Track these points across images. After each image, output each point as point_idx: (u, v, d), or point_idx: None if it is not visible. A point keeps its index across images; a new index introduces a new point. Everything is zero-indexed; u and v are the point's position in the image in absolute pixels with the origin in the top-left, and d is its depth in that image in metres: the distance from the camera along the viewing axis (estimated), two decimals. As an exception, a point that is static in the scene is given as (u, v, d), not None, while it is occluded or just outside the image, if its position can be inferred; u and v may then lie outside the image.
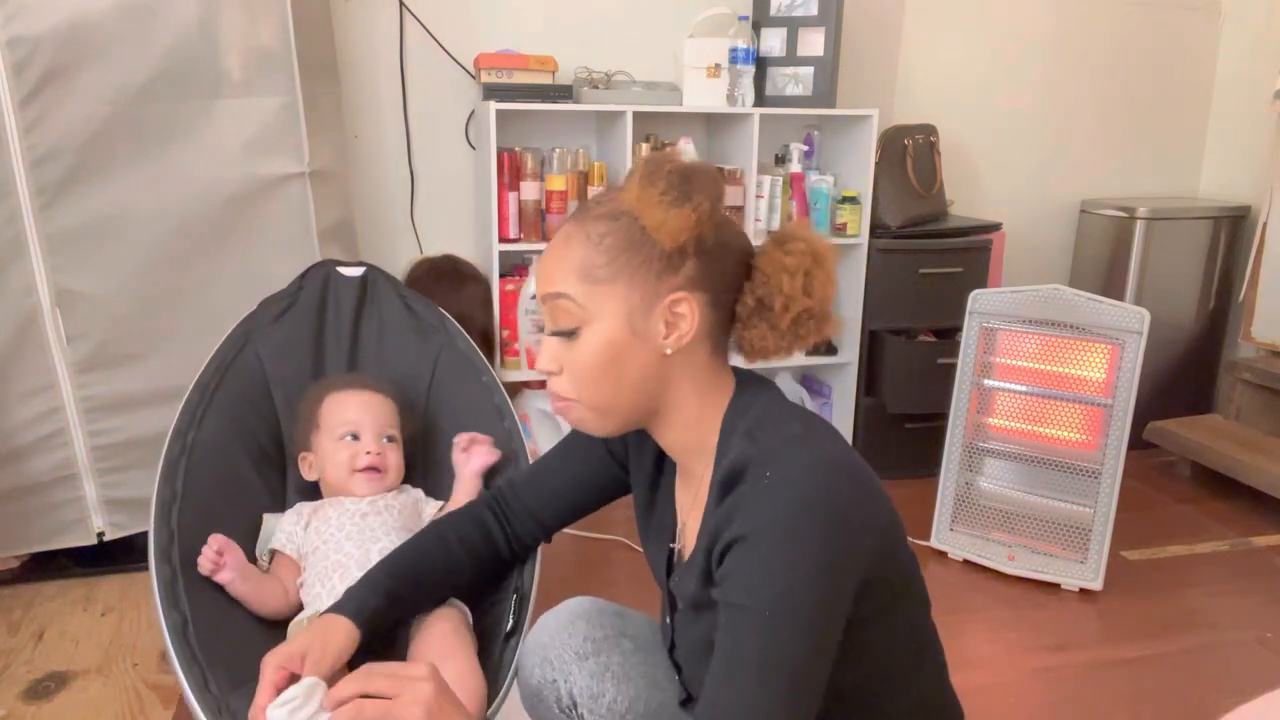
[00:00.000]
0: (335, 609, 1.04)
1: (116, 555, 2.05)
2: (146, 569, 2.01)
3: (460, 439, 1.48)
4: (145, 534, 1.99)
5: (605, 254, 0.86)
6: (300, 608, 1.30)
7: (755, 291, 0.88)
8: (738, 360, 0.94)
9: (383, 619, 1.06)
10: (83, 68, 1.71)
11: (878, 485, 0.85)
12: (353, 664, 0.98)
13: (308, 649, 0.97)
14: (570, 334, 0.88)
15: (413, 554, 1.12)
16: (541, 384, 2.54)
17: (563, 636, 1.05)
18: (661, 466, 1.03)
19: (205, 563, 1.24)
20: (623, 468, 1.10)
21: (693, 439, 0.92)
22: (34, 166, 1.74)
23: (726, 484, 0.84)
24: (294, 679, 0.95)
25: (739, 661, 0.77)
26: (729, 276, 0.89)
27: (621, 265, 0.86)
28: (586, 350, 0.87)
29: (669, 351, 0.87)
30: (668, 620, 1.03)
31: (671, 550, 1.01)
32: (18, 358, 1.83)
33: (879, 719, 0.91)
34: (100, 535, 1.98)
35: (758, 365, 0.94)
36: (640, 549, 2.15)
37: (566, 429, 2.50)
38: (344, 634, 1.00)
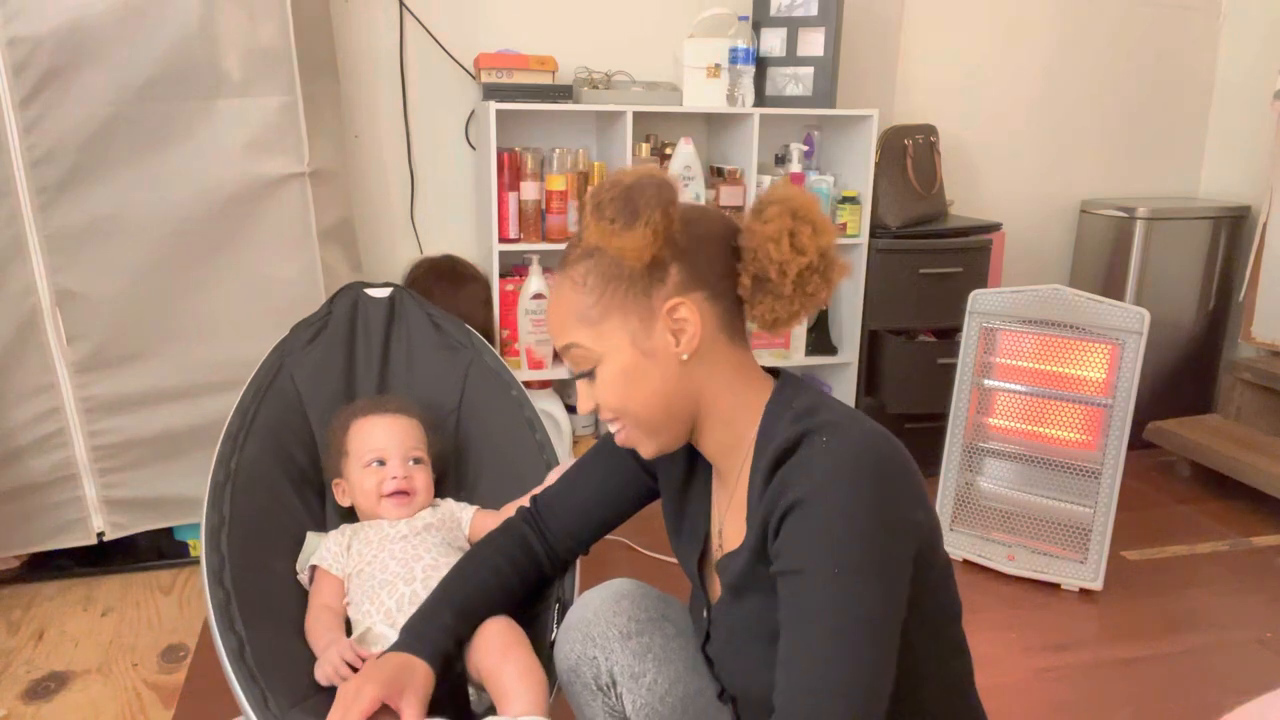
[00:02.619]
0: (414, 650, 1.05)
1: (116, 555, 2.05)
2: (146, 569, 2.05)
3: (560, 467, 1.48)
4: (145, 534, 2.02)
5: (592, 294, 0.89)
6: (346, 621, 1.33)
7: (748, 270, 0.88)
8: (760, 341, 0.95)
9: (452, 654, 1.10)
10: (83, 68, 1.71)
11: (919, 473, 0.87)
12: None
13: (402, 687, 1.00)
14: (590, 375, 0.92)
15: (475, 589, 1.13)
16: (543, 384, 2.54)
17: (607, 614, 1.05)
18: (693, 471, 1.04)
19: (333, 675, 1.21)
20: (651, 475, 1.10)
21: (731, 435, 0.93)
22: (34, 166, 1.74)
23: (777, 461, 0.84)
24: (382, 710, 0.99)
25: (812, 623, 0.77)
26: (718, 265, 0.89)
27: (609, 299, 0.88)
28: (607, 385, 0.91)
29: (685, 358, 0.88)
30: (704, 615, 1.03)
31: (706, 550, 1.01)
32: (18, 358, 1.83)
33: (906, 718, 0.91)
34: (100, 535, 1.98)
35: (764, 364, 0.94)
36: (642, 551, 2.16)
37: (567, 430, 2.50)
38: (428, 680, 1.03)
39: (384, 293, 1.76)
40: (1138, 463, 2.79)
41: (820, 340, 2.69)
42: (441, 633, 1.08)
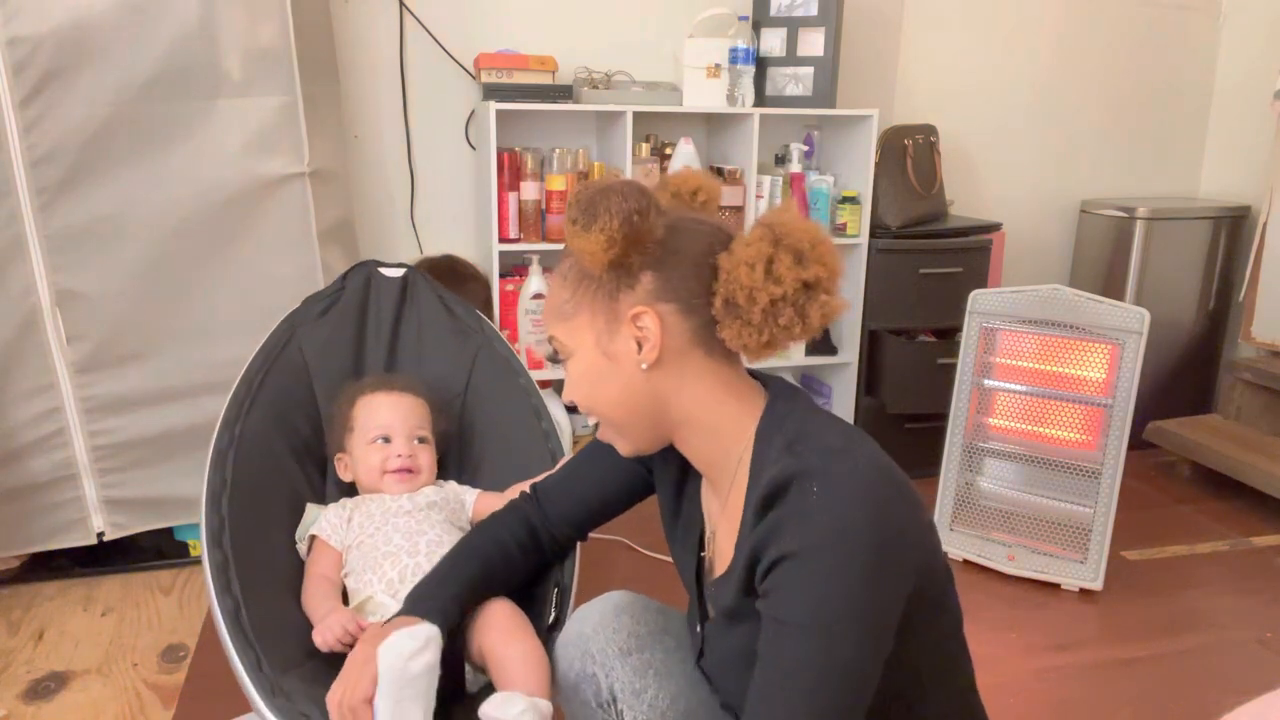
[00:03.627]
0: (421, 614, 1.05)
1: (116, 555, 2.05)
2: (146, 569, 2.04)
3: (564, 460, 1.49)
4: (145, 534, 2.02)
5: (568, 289, 0.91)
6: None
7: (721, 291, 0.85)
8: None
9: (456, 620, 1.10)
10: (83, 68, 1.71)
11: (917, 494, 0.85)
12: None
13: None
14: (566, 365, 0.93)
15: (481, 563, 1.14)
16: (543, 384, 2.54)
17: (607, 631, 1.04)
18: (687, 473, 1.03)
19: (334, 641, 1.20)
20: (649, 469, 1.10)
21: (716, 449, 0.92)
22: (34, 166, 1.74)
23: (768, 499, 0.82)
24: None
25: (790, 675, 0.77)
26: (694, 281, 0.87)
27: (581, 296, 0.90)
28: (575, 380, 0.93)
29: (644, 367, 0.88)
30: (697, 629, 1.02)
31: (701, 559, 1.01)
32: (18, 358, 1.83)
33: None
34: (100, 535, 1.98)
35: (765, 365, 0.94)
36: (642, 550, 2.16)
37: (567, 429, 2.50)
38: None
39: (397, 272, 1.76)
40: (1138, 463, 2.79)
41: (820, 340, 2.69)
42: (449, 600, 1.08)
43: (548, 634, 1.14)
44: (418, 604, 1.07)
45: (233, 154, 1.84)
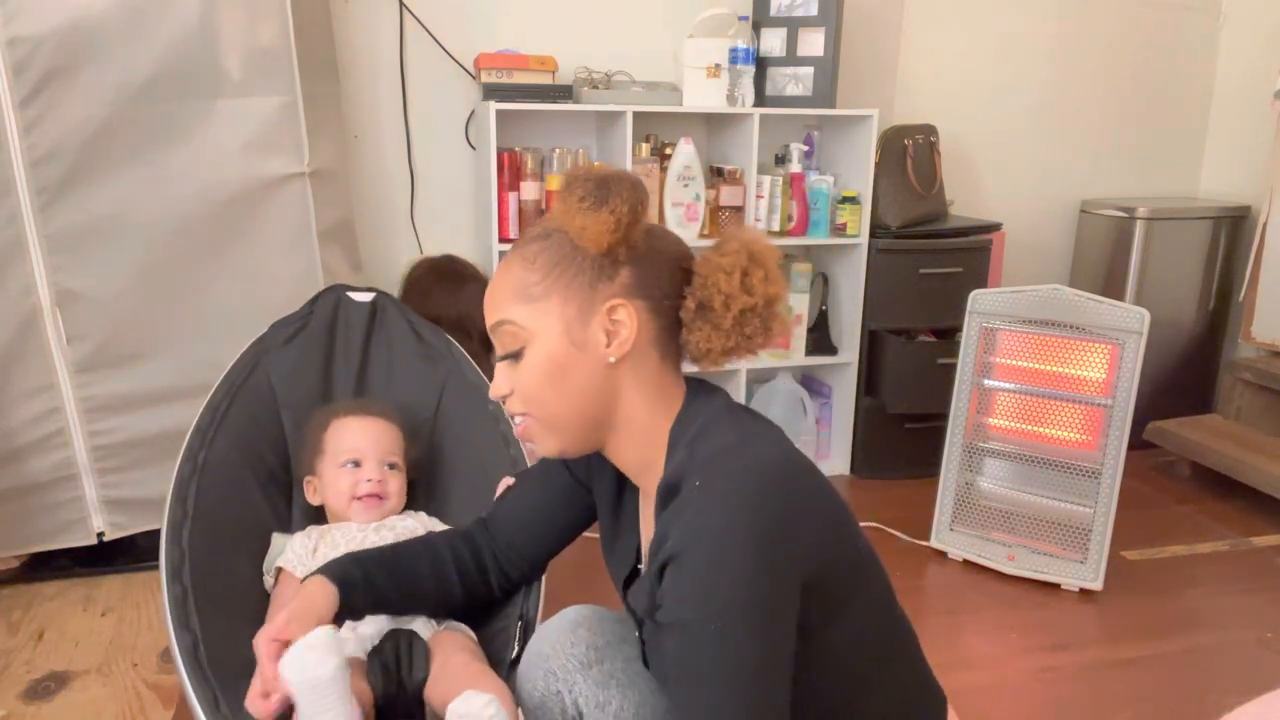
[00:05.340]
0: (315, 571, 1.04)
1: (116, 555, 2.05)
2: (146, 569, 2.04)
3: (506, 481, 1.48)
4: (145, 534, 2.02)
5: (539, 271, 0.89)
6: None
7: (695, 295, 0.89)
8: (692, 370, 0.95)
9: (360, 592, 1.06)
10: (83, 68, 1.71)
11: (816, 485, 0.85)
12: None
13: (290, 614, 0.98)
14: (516, 356, 0.91)
15: (398, 550, 1.14)
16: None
17: (565, 646, 1.04)
18: (623, 489, 1.03)
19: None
20: (589, 490, 1.10)
21: (645, 455, 0.93)
22: (34, 166, 1.74)
23: (663, 500, 0.84)
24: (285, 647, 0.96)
25: (697, 677, 0.77)
26: (667, 283, 0.90)
27: (555, 280, 0.89)
28: (530, 368, 0.90)
29: (613, 360, 0.88)
30: (637, 635, 1.03)
31: (636, 571, 1.02)
32: (18, 358, 1.83)
33: (859, 717, 0.91)
34: (100, 535, 1.98)
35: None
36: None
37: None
38: (324, 592, 1.01)
39: (366, 297, 1.75)
40: (1138, 463, 2.79)
41: (820, 340, 2.69)
42: (351, 562, 1.07)
43: (510, 669, 1.12)
44: (321, 566, 1.06)
45: (233, 154, 1.84)
